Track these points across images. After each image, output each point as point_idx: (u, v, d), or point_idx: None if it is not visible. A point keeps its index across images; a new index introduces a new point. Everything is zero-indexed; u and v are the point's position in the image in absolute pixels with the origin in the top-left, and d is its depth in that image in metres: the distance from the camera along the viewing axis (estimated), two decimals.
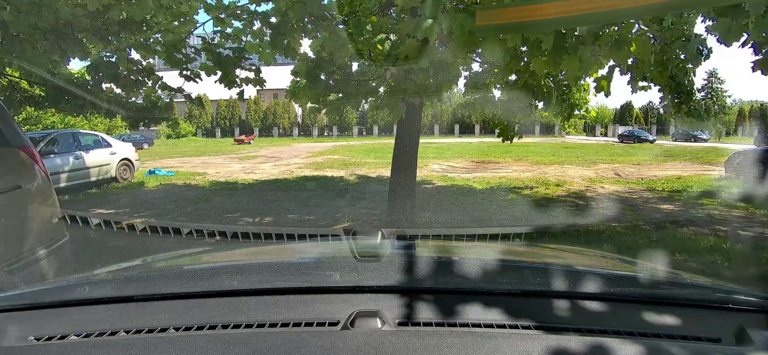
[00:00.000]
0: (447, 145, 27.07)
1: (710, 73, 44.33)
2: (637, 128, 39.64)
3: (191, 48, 5.89)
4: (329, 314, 0.90)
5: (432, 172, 12.53)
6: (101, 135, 11.30)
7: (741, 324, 0.91)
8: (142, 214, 6.92)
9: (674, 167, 14.44)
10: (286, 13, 4.64)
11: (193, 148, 28.57)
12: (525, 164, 14.96)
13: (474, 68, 6.43)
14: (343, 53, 4.95)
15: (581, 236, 5.13)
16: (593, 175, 11.97)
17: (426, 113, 42.34)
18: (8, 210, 2.38)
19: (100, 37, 5.80)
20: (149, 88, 6.53)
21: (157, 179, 11.44)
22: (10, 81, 7.20)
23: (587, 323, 0.89)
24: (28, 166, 2.63)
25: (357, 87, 5.50)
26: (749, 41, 3.06)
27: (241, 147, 29.50)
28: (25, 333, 0.91)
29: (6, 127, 2.60)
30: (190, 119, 45.61)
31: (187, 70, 5.71)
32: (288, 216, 6.66)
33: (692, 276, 1.61)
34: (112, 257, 4.26)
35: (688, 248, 4.50)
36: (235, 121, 46.95)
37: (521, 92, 4.37)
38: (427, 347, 0.80)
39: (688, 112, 4.73)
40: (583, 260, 1.63)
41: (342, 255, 1.38)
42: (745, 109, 44.81)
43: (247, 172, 13.35)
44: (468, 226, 5.80)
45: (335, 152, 21.72)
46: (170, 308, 0.97)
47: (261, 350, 0.80)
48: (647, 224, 5.85)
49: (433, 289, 1.05)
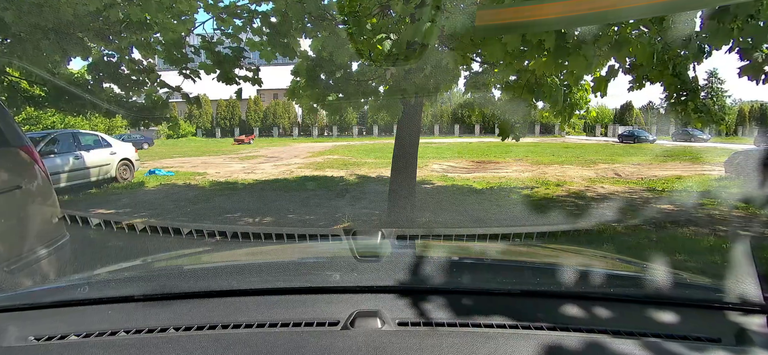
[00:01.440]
0: (447, 145, 27.06)
1: (710, 73, 44.30)
2: (637, 128, 39.63)
3: (191, 47, 5.90)
4: (329, 314, 0.90)
5: (432, 172, 12.52)
6: (101, 135, 11.30)
7: (741, 324, 0.91)
8: (142, 214, 6.92)
9: (674, 167, 14.44)
10: (286, 12, 4.65)
11: (193, 148, 28.55)
12: (525, 164, 14.95)
13: (474, 68, 6.43)
14: (343, 53, 4.95)
15: (581, 236, 5.11)
16: (593, 175, 11.97)
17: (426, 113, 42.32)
18: (8, 210, 2.38)
19: (101, 37, 5.80)
20: (150, 88, 6.54)
21: (157, 179, 11.43)
22: (10, 81, 7.20)
23: (587, 322, 0.89)
24: (28, 167, 2.63)
25: (357, 87, 5.50)
26: (736, 47, 3.06)
27: (241, 147, 29.48)
28: (25, 333, 0.91)
29: (6, 127, 2.60)
30: (190, 119, 45.58)
31: (187, 69, 5.72)
32: (288, 216, 6.66)
33: (692, 276, 1.61)
34: (112, 257, 4.25)
35: (688, 248, 4.50)
36: (235, 121, 46.93)
37: (521, 92, 4.37)
38: (427, 347, 0.80)
39: (694, 109, 4.58)
40: (583, 260, 1.63)
41: (342, 255, 1.38)
42: (745, 109, 44.80)
43: (247, 172, 13.35)
44: (468, 226, 5.80)
45: (335, 152, 21.71)
46: (170, 308, 0.97)
47: (261, 350, 0.80)
48: (647, 224, 5.85)
49: (433, 289, 1.06)
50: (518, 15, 1.15)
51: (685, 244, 4.71)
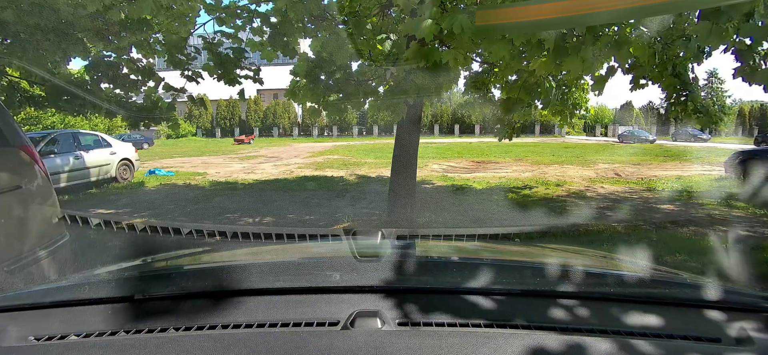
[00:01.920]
0: (447, 145, 27.05)
1: (710, 73, 44.33)
2: (637, 128, 39.64)
3: (192, 48, 5.91)
4: (329, 314, 0.90)
5: (432, 172, 12.52)
6: (101, 135, 11.29)
7: (741, 324, 0.91)
8: (142, 214, 6.92)
9: (674, 167, 14.44)
10: (286, 12, 4.65)
11: (193, 148, 28.56)
12: (525, 164, 14.94)
13: (474, 68, 6.43)
14: (343, 53, 4.95)
15: (581, 236, 5.12)
16: (593, 175, 11.97)
17: (426, 113, 42.35)
18: (8, 210, 2.38)
19: (100, 37, 5.80)
20: (150, 88, 6.54)
21: (157, 179, 11.44)
22: (10, 81, 7.20)
23: (587, 322, 0.89)
24: (28, 167, 2.63)
25: (357, 87, 5.50)
26: (730, 47, 3.05)
27: (241, 147, 29.48)
28: (25, 333, 0.91)
29: (6, 127, 2.60)
30: (190, 119, 45.61)
31: (188, 70, 5.72)
32: (288, 216, 6.66)
33: (692, 276, 1.61)
34: (112, 257, 4.25)
35: (688, 248, 4.50)
36: (235, 121, 46.94)
37: (519, 92, 4.37)
38: (427, 347, 0.80)
39: (694, 110, 4.58)
40: (584, 260, 1.63)
41: (342, 255, 1.38)
42: (745, 109, 44.81)
43: (247, 172, 13.35)
44: (468, 226, 5.80)
45: (335, 152, 21.71)
46: (170, 308, 0.97)
47: (261, 350, 0.80)
48: (647, 224, 5.85)
49: (434, 289, 1.06)
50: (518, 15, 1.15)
51: (685, 244, 4.70)
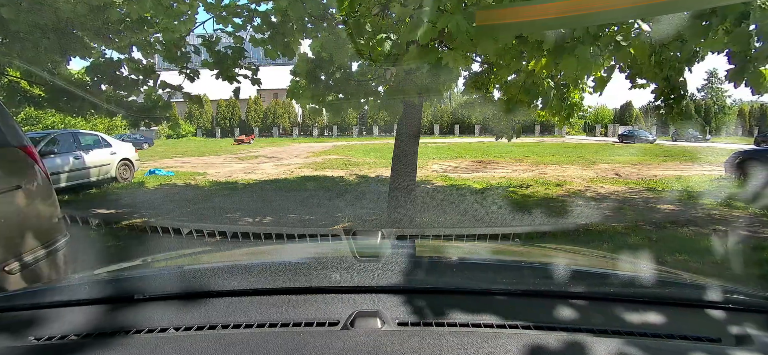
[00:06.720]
0: (447, 145, 27.07)
1: (710, 73, 44.38)
2: (637, 128, 39.66)
3: (191, 46, 5.90)
4: (329, 314, 0.90)
5: (432, 172, 12.52)
6: (101, 135, 11.29)
7: (741, 324, 0.91)
8: (142, 214, 6.92)
9: (674, 167, 14.45)
10: (286, 12, 4.64)
11: (193, 148, 28.57)
12: (525, 164, 14.95)
13: (474, 68, 6.43)
14: (343, 53, 4.94)
15: (581, 236, 5.13)
16: (593, 175, 11.97)
17: (426, 113, 42.36)
18: (8, 210, 2.37)
19: (100, 36, 5.79)
20: (150, 88, 6.53)
21: (157, 179, 11.44)
22: (10, 81, 7.19)
23: (587, 323, 0.89)
24: (28, 166, 2.63)
25: (357, 87, 5.50)
26: (724, 50, 3.05)
27: (241, 147, 29.51)
28: (25, 333, 0.91)
29: (6, 127, 2.60)
30: (190, 119, 45.62)
31: (187, 69, 5.71)
32: (288, 216, 6.66)
33: (692, 276, 1.61)
34: (112, 257, 4.25)
35: (688, 248, 4.50)
36: (235, 121, 46.95)
37: (517, 93, 4.38)
38: (427, 347, 0.80)
39: (680, 113, 4.80)
40: (583, 260, 1.63)
41: (342, 255, 1.38)
42: (745, 109, 44.83)
43: (247, 172, 13.34)
44: (468, 226, 5.80)
45: (335, 152, 21.72)
46: (170, 308, 0.97)
47: (261, 350, 0.80)
48: (647, 224, 5.85)
49: (433, 289, 1.06)
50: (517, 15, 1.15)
51: (685, 244, 4.71)
